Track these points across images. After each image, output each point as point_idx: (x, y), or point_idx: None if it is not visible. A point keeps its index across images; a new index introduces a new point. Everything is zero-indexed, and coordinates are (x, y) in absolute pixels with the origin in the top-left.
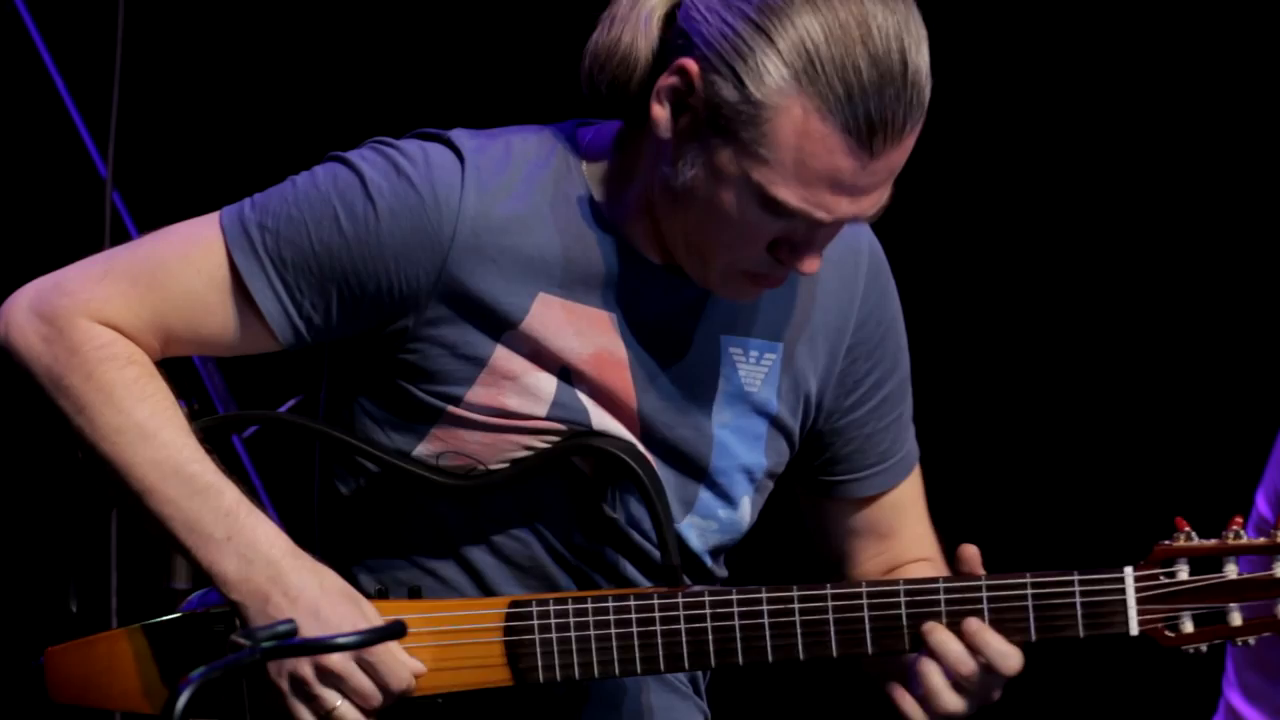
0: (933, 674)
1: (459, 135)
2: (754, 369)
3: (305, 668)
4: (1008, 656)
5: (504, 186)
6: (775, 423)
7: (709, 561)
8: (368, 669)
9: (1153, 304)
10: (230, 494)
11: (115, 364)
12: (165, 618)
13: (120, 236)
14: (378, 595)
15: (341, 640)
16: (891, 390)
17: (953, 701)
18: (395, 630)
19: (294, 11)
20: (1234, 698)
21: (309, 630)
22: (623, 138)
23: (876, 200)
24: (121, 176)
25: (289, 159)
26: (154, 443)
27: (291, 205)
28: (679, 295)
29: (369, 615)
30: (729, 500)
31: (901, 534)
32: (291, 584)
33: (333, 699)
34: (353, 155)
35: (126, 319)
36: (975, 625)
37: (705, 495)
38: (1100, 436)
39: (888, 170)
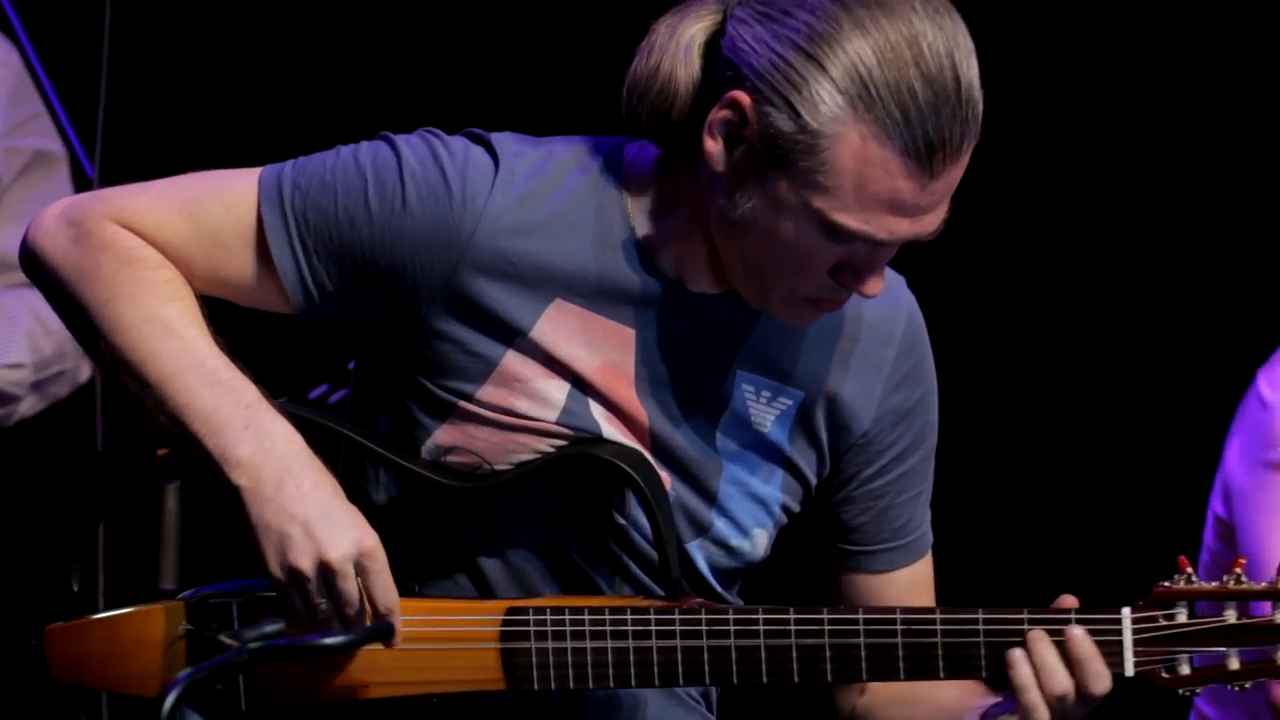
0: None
1: (501, 138)
2: (764, 409)
3: (305, 561)
4: (1100, 676)
5: (536, 191)
6: (789, 466)
7: (718, 587)
8: (362, 574)
9: (1164, 335)
10: (251, 392)
11: (148, 265)
12: (166, 602)
13: None
14: (405, 594)
15: (330, 642)
16: (914, 465)
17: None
18: (384, 632)
19: (283, 12)
20: (1203, 704)
21: (318, 525)
22: (664, 163)
23: (936, 218)
24: (108, 178)
25: (280, 160)
26: (180, 338)
27: (328, 171)
28: (707, 323)
29: (365, 530)
30: (741, 529)
31: (901, 600)
32: (306, 478)
33: (318, 596)
34: (399, 137)
35: (156, 234)
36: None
37: (719, 522)
38: (1099, 468)
39: (946, 188)
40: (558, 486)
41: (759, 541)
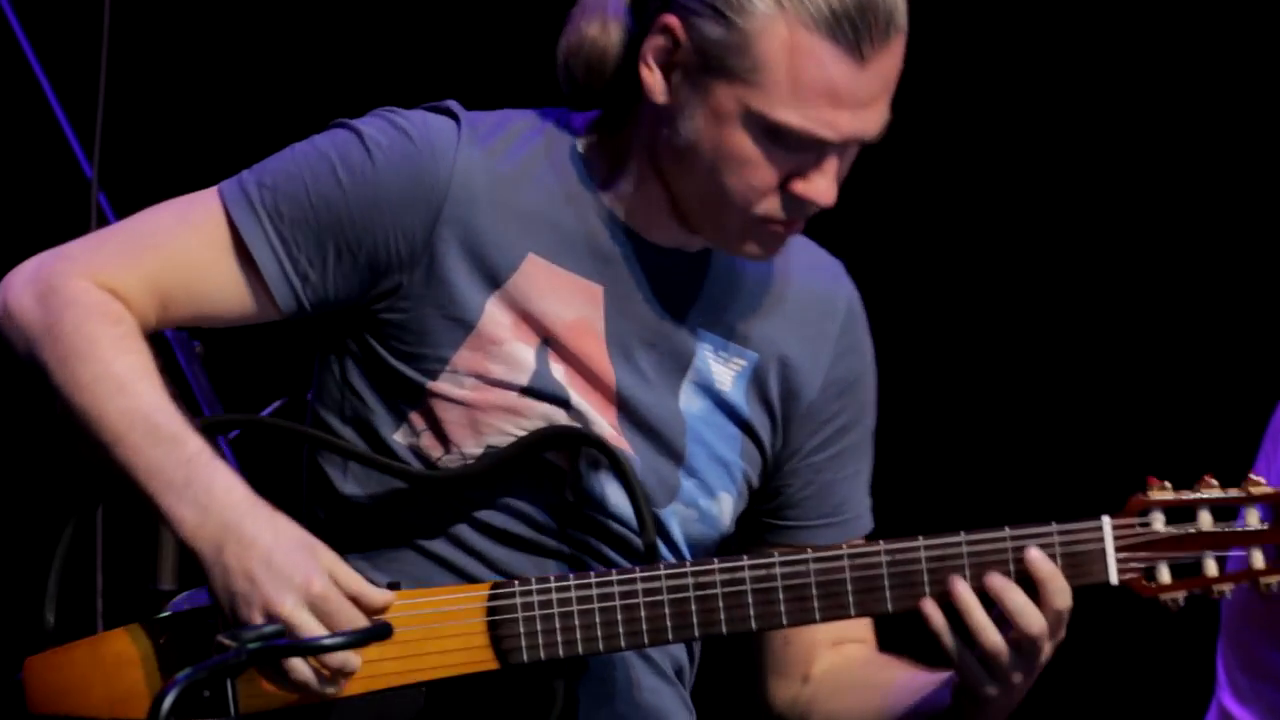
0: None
1: (455, 104)
2: (723, 369)
3: (258, 618)
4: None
5: (499, 148)
6: (747, 429)
7: (689, 557)
8: (318, 615)
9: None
10: (193, 444)
11: (105, 321)
12: (145, 620)
13: None
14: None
15: (327, 642)
16: (855, 442)
17: (996, 639)
18: (382, 632)
19: (281, 10)
20: (1226, 699)
21: (262, 575)
22: (608, 122)
23: (878, 116)
24: (107, 177)
25: None
26: (127, 393)
27: (289, 164)
28: (670, 280)
29: (326, 562)
30: (708, 490)
31: None
32: (246, 532)
33: (302, 670)
34: (354, 120)
35: (124, 281)
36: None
37: (686, 483)
38: (1069, 400)
39: (881, 81)
40: (524, 472)
41: (725, 507)
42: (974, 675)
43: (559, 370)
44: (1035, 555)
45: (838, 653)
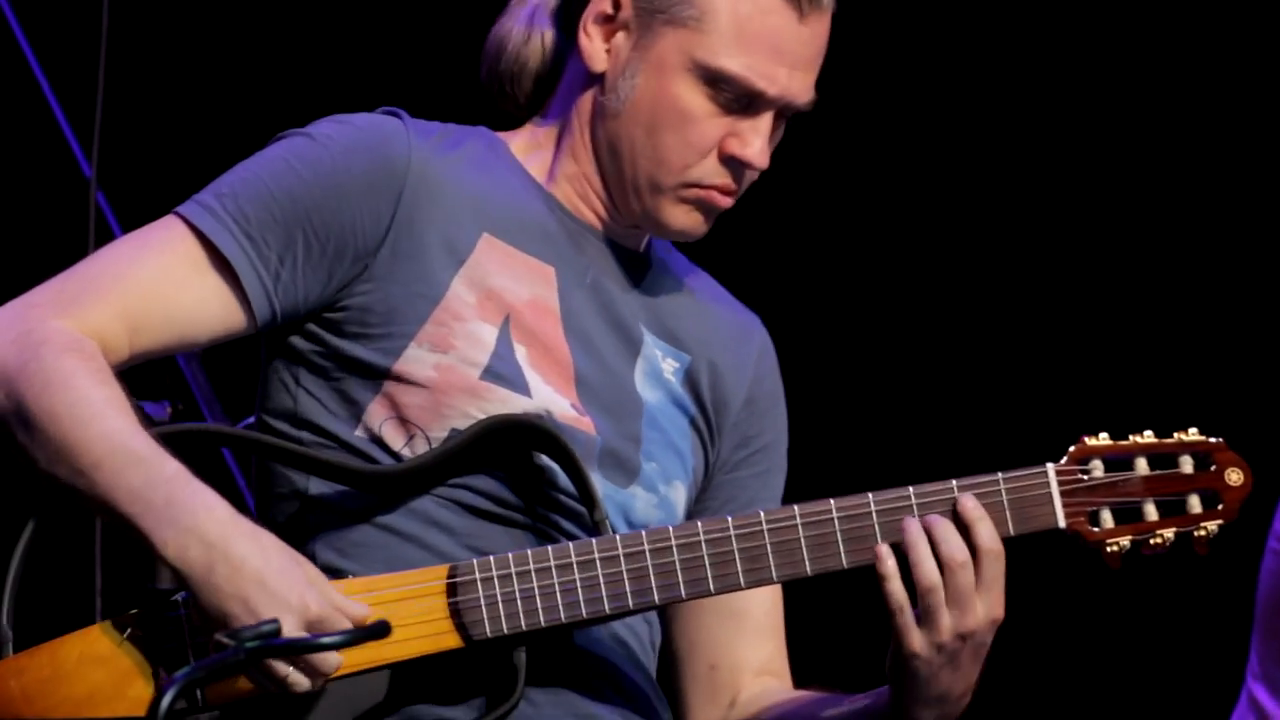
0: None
1: (395, 108)
2: (665, 363)
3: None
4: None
5: (439, 141)
6: (694, 425)
7: None
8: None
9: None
10: (171, 465)
11: (80, 355)
12: (103, 622)
13: (104, 236)
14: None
15: (327, 640)
16: (775, 464)
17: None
18: (380, 630)
19: (279, 10)
20: (1258, 690)
21: (256, 598)
22: (530, 119)
23: (809, 83)
24: (105, 176)
25: None
26: (105, 421)
27: (243, 172)
28: (615, 268)
29: (312, 577)
30: (665, 476)
31: (753, 615)
32: (235, 553)
33: (283, 668)
34: (296, 129)
35: (94, 318)
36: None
37: (646, 465)
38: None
39: (816, 44)
40: (480, 458)
41: (679, 496)
42: (908, 628)
43: (520, 350)
44: (965, 500)
45: (761, 682)
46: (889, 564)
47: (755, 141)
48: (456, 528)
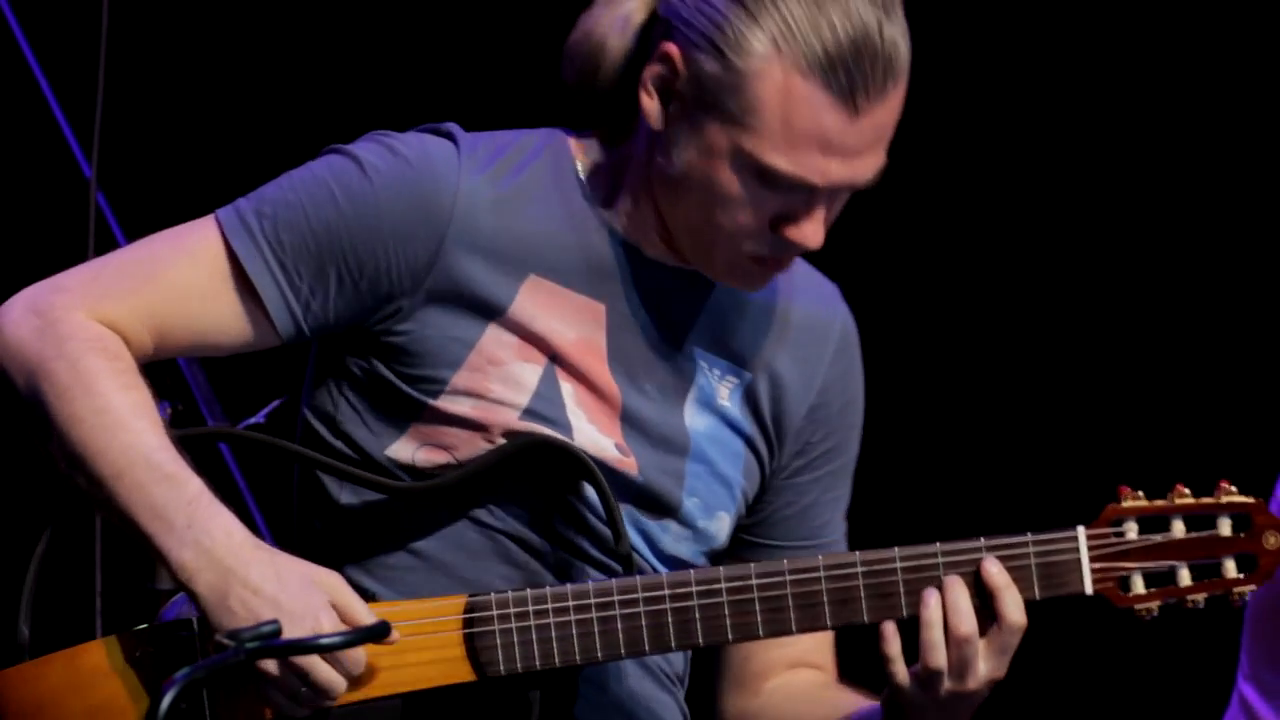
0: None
1: (453, 126)
2: (722, 385)
3: (269, 663)
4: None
5: (500, 168)
6: (750, 445)
7: (668, 570)
8: (331, 660)
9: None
10: (194, 485)
11: (104, 355)
12: (121, 633)
13: (104, 236)
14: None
15: (325, 641)
16: (840, 466)
17: (940, 658)
18: (380, 631)
19: (279, 9)
20: (1249, 692)
21: None
22: (607, 137)
23: (870, 165)
24: (106, 176)
25: (275, 159)
26: (129, 430)
27: (288, 191)
28: (669, 297)
29: (335, 593)
30: (708, 510)
31: None
32: (251, 578)
33: (295, 684)
34: (349, 145)
35: (121, 314)
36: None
37: (688, 502)
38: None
39: (875, 131)
40: (513, 477)
41: (723, 525)
42: (902, 682)
43: (567, 389)
44: (990, 566)
45: (794, 673)
46: (894, 646)
47: (808, 227)
48: (479, 549)
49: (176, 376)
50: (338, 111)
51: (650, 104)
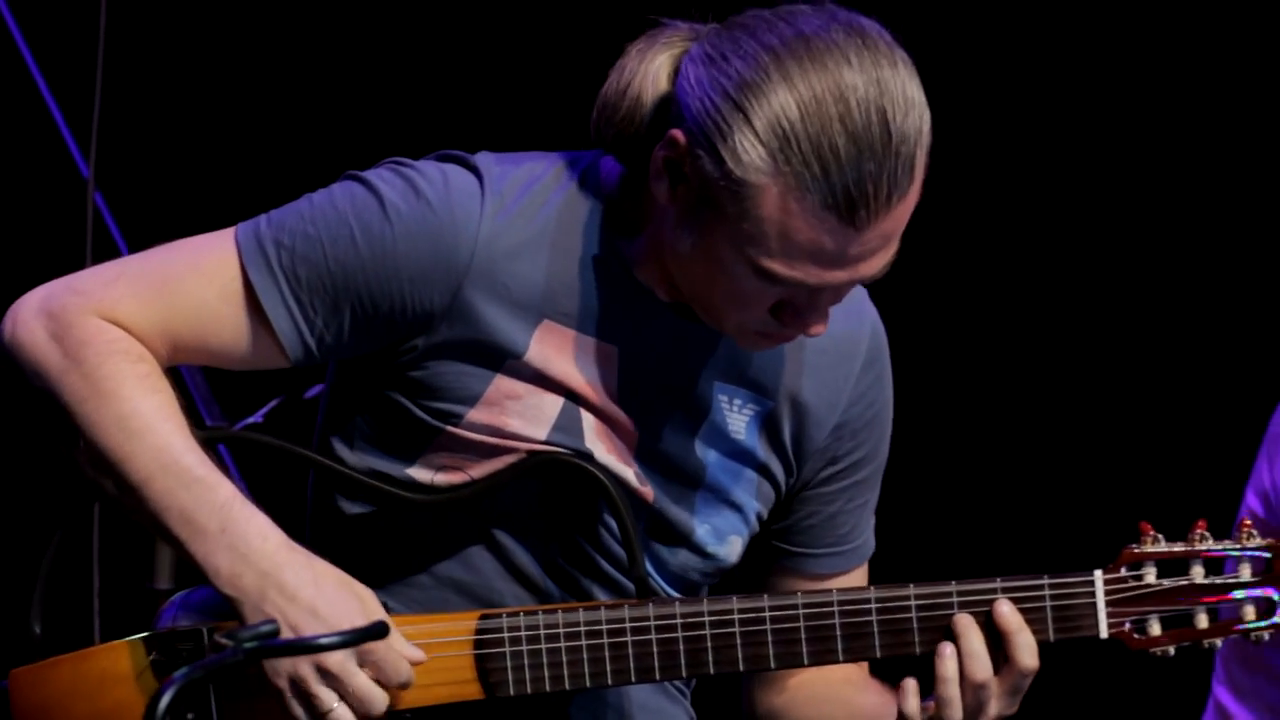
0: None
1: (483, 159)
2: (737, 417)
3: (304, 668)
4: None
5: (524, 211)
6: (762, 471)
7: (680, 594)
8: (369, 667)
9: (1121, 307)
10: (225, 489)
11: (126, 359)
12: (131, 638)
13: (102, 237)
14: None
15: (325, 640)
16: (867, 476)
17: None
18: (378, 630)
19: (278, 11)
20: (1223, 695)
21: (308, 628)
22: (633, 180)
23: (876, 264)
24: (103, 176)
25: (274, 159)
26: (156, 434)
27: (308, 223)
28: (683, 336)
29: (367, 604)
30: (720, 536)
31: None
32: (287, 582)
33: (330, 700)
34: (370, 175)
35: (137, 321)
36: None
37: (700, 529)
38: (1065, 442)
39: (880, 238)
40: (525, 495)
41: (734, 548)
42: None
43: (585, 420)
44: (1003, 608)
45: (821, 672)
46: (911, 703)
47: (810, 317)
48: (490, 563)
49: (175, 377)
50: (337, 112)
51: (659, 184)
